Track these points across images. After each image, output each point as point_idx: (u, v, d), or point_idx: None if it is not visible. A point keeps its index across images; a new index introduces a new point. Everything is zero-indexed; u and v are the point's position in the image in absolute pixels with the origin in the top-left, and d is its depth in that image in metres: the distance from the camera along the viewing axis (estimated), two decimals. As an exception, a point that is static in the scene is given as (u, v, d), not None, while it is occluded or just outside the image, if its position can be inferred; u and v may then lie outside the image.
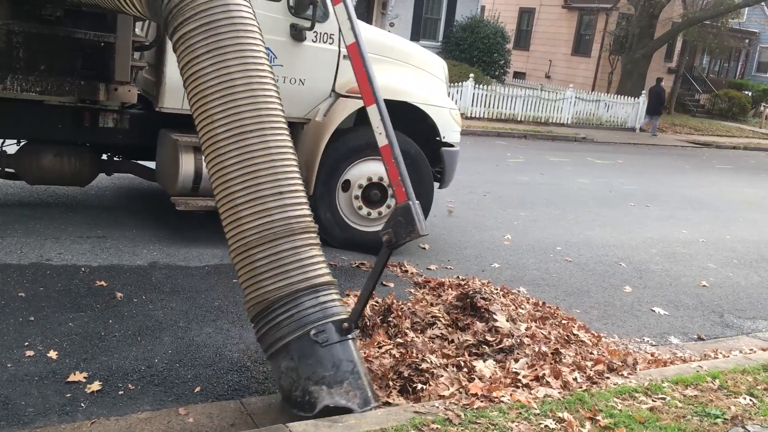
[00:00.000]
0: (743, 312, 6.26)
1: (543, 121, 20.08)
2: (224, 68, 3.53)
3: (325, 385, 3.43)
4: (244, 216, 3.50)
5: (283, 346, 3.46)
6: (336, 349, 3.48)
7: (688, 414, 3.75)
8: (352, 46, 3.94)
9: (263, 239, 3.48)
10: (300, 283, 3.48)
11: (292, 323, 3.44)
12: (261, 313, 3.51)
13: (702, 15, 24.57)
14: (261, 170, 3.51)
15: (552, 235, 7.91)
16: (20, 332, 3.95)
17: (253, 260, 3.50)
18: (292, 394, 3.47)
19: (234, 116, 3.52)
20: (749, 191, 13.38)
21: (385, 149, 3.77)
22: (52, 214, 6.03)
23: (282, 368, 3.50)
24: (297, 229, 3.54)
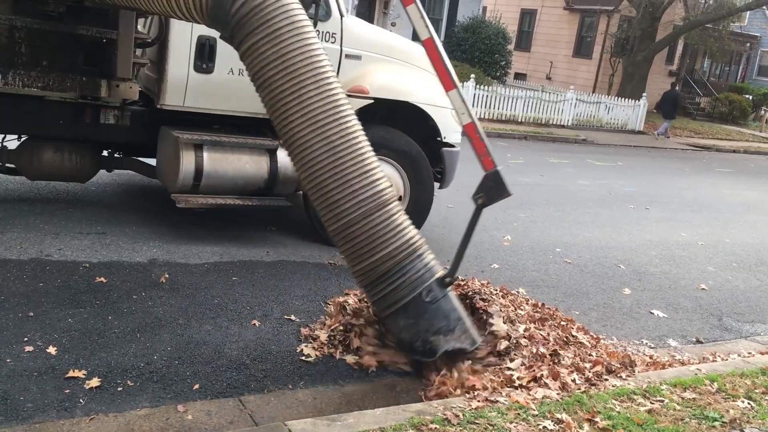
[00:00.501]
0: (742, 315, 6.26)
1: (543, 122, 20.07)
2: (293, 72, 3.88)
3: (441, 335, 4.08)
4: (337, 199, 3.94)
5: (400, 306, 4.04)
6: (443, 303, 4.11)
7: (686, 417, 3.75)
8: (428, 41, 4.44)
9: (359, 216, 3.94)
10: (405, 251, 4.01)
11: (406, 287, 4.01)
12: (374, 282, 4.05)
13: (703, 18, 24.57)
14: (343, 156, 3.92)
15: (551, 237, 7.92)
16: (19, 327, 3.95)
17: (355, 236, 3.98)
18: (414, 345, 4.12)
19: (310, 113, 3.89)
20: (749, 194, 13.39)
21: (469, 126, 4.43)
22: (52, 210, 6.02)
23: (401, 325, 4.11)
24: (385, 201, 4.02)
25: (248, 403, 3.63)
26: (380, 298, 4.08)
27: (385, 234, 3.98)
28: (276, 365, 4.03)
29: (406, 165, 6.30)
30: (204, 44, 5.49)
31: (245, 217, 6.74)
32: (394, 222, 4.03)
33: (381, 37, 6.48)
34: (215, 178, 5.61)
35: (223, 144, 5.66)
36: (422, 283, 4.04)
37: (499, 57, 23.28)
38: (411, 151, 6.31)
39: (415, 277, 4.03)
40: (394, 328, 4.19)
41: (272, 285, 5.16)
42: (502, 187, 4.32)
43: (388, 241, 3.98)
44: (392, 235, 4.00)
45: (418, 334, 4.08)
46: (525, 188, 10.58)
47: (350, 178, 3.93)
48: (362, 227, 3.96)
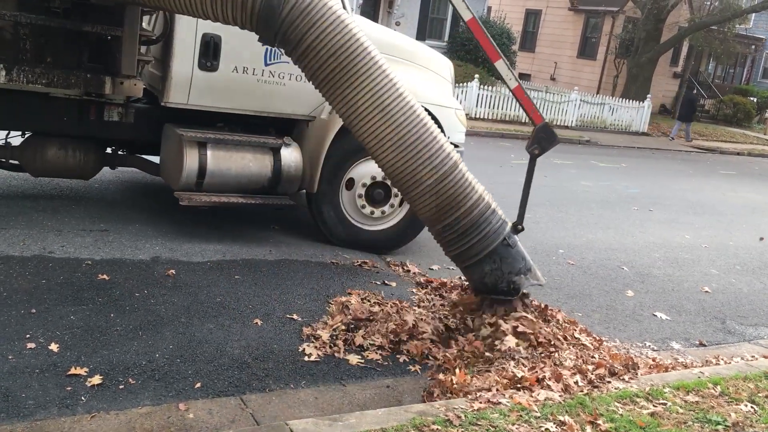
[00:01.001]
0: (745, 319, 6.24)
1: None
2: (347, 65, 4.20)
3: (522, 274, 4.65)
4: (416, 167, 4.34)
5: (486, 254, 4.53)
6: (520, 247, 4.71)
7: (689, 420, 3.74)
8: (472, 21, 4.93)
9: (439, 178, 4.36)
10: (483, 204, 4.50)
11: (491, 236, 4.52)
12: (460, 235, 4.49)
13: (709, 20, 24.50)
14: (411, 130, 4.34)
15: (554, 238, 7.90)
16: (22, 324, 3.95)
17: (437, 196, 4.40)
18: (498, 286, 4.61)
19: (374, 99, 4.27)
20: (753, 197, 13.36)
21: (518, 89, 5.02)
22: (56, 207, 6.03)
23: (486, 270, 4.59)
24: (456, 162, 4.44)
25: (250, 402, 3.62)
26: (466, 249, 4.53)
27: (463, 191, 4.43)
28: (278, 364, 4.02)
29: None
30: (209, 42, 5.48)
31: (248, 215, 6.74)
32: (467, 180, 4.48)
33: (385, 36, 6.46)
34: (219, 176, 5.61)
35: (227, 142, 5.65)
36: (503, 232, 4.58)
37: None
38: None
39: (496, 227, 4.55)
40: (478, 275, 4.63)
41: (275, 284, 5.16)
42: (552, 135, 4.96)
43: (467, 197, 4.44)
44: (469, 191, 4.46)
45: (503, 277, 4.60)
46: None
47: (422, 147, 4.34)
48: (442, 188, 4.38)
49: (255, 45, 5.68)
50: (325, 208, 6.11)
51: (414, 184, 4.40)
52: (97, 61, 5.34)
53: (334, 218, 6.16)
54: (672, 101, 28.73)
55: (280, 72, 5.74)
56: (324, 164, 5.98)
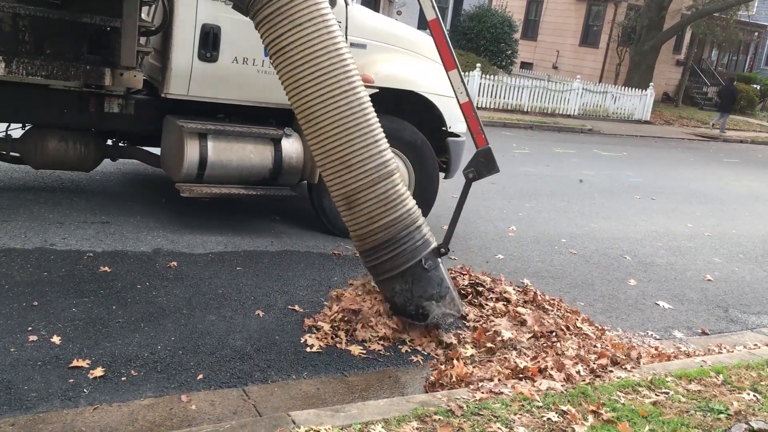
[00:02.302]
0: (748, 307, 6.23)
1: (549, 112, 19.97)
2: (305, 43, 4.12)
3: (434, 300, 4.38)
4: (346, 167, 4.18)
5: (399, 272, 4.31)
6: (438, 271, 4.42)
7: (691, 409, 3.74)
8: (434, 22, 4.69)
9: (366, 184, 4.19)
10: (407, 220, 4.29)
11: (406, 255, 4.29)
12: (377, 248, 4.30)
13: (711, 7, 24.35)
14: (353, 125, 4.15)
15: (557, 227, 7.89)
16: (23, 317, 3.96)
17: (360, 203, 4.22)
18: (407, 309, 4.40)
19: (322, 82, 4.12)
20: (756, 185, 13.32)
21: (467, 105, 4.71)
22: (57, 199, 6.02)
23: (396, 290, 4.38)
24: (390, 171, 4.28)
25: (252, 393, 3.63)
26: (379, 263, 4.35)
27: (389, 203, 4.24)
28: (280, 355, 4.03)
29: (411, 155, 6.27)
30: (208, 33, 5.46)
31: (249, 206, 6.73)
32: (397, 192, 4.30)
33: (386, 25, 6.43)
34: (219, 168, 5.60)
35: (228, 133, 5.64)
36: (421, 252, 4.33)
37: (505, 46, 23.16)
38: (416, 140, 6.28)
39: (415, 246, 4.32)
40: (389, 293, 4.44)
41: (276, 275, 5.16)
42: (492, 163, 4.70)
43: (392, 209, 4.25)
44: (395, 204, 4.26)
45: (412, 299, 4.37)
46: (530, 178, 10.54)
47: (359, 147, 4.17)
48: (368, 195, 4.21)
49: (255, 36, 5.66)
50: (326, 199, 6.09)
51: (341, 183, 4.24)
52: (97, 53, 5.31)
53: (335, 209, 6.13)
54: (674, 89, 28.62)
55: None
56: (325, 155, 5.95)
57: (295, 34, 4.14)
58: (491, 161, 4.69)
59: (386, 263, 4.33)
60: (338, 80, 4.16)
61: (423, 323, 4.42)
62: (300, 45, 4.14)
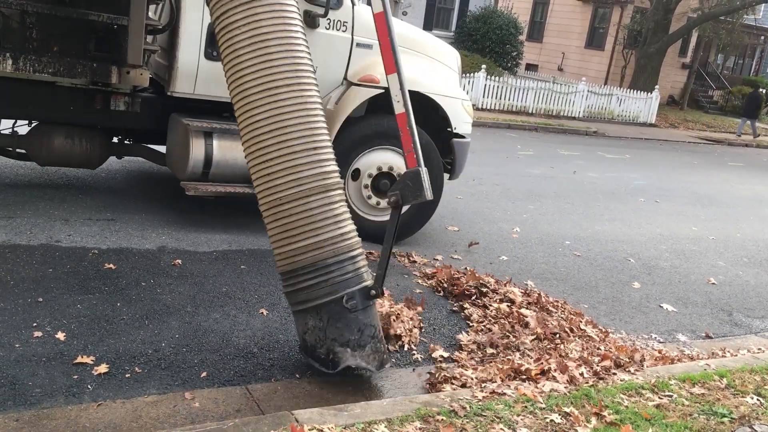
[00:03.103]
0: (752, 311, 6.22)
1: (554, 114, 19.97)
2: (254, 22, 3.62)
3: (350, 348, 3.71)
4: (275, 171, 3.61)
5: (313, 306, 3.67)
6: (362, 315, 3.72)
7: (694, 412, 3.73)
8: (379, 15, 4.03)
9: (296, 195, 3.60)
10: (337, 246, 3.64)
11: (326, 287, 3.63)
12: (295, 272, 3.67)
13: (718, 10, 24.33)
14: (293, 126, 3.61)
15: (561, 229, 7.88)
16: (28, 313, 3.97)
17: (285, 216, 3.63)
18: (317, 351, 3.75)
19: (266, 71, 3.61)
20: (760, 189, 13.29)
21: (401, 117, 3.95)
22: (62, 196, 6.04)
23: (309, 326, 3.73)
24: (328, 185, 3.67)
25: (255, 391, 3.63)
26: (295, 290, 3.72)
27: (320, 221, 3.62)
28: (283, 354, 4.03)
29: None
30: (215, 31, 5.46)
31: (254, 205, 6.71)
32: (333, 210, 3.67)
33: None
34: (225, 166, 5.60)
35: (233, 132, 5.64)
36: (345, 288, 3.65)
37: (511, 47, 23.16)
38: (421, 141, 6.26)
39: (340, 279, 3.65)
40: (301, 328, 3.82)
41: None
42: (420, 188, 3.85)
43: (322, 229, 3.62)
44: (328, 224, 3.64)
45: (324, 341, 3.71)
46: (534, 180, 10.54)
47: (295, 150, 3.61)
48: (297, 207, 3.60)
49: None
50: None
51: (268, 189, 3.66)
52: (104, 51, 5.33)
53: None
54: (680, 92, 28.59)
55: None
56: (329, 154, 5.94)
57: (242, 12, 3.62)
58: (418, 186, 3.84)
59: (303, 291, 3.68)
60: (283, 71, 3.63)
61: (329, 371, 3.75)
62: (246, 25, 3.63)
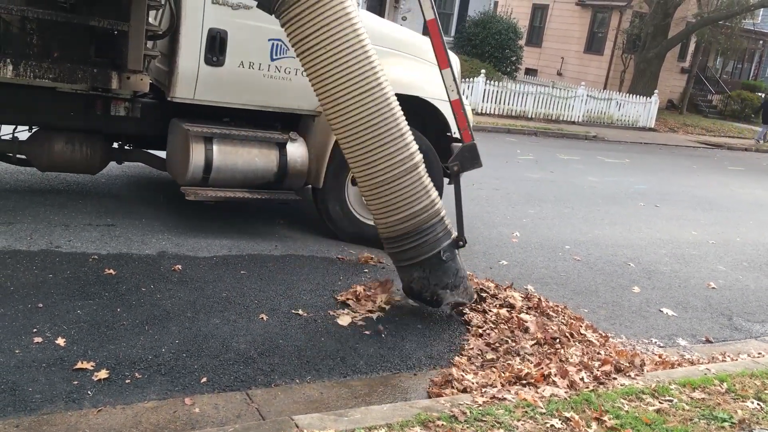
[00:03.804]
0: (752, 315, 6.22)
1: (554, 118, 20.00)
2: (332, 43, 4.28)
3: (449, 289, 4.68)
4: (374, 159, 4.40)
5: (418, 262, 4.59)
6: (454, 263, 4.68)
7: (695, 417, 3.73)
8: (432, 22, 4.88)
9: (394, 176, 4.42)
10: (430, 211, 4.52)
11: (427, 246, 4.54)
12: (400, 237, 4.56)
13: (716, 15, 24.37)
14: (381, 119, 4.37)
15: (561, 234, 7.88)
16: (28, 319, 3.97)
17: (387, 194, 4.45)
18: (423, 295, 4.73)
19: (350, 80, 4.32)
20: (760, 193, 13.30)
21: (456, 102, 4.98)
22: (63, 202, 6.04)
23: (414, 276, 4.67)
24: (416, 164, 4.51)
25: (255, 396, 3.63)
26: (402, 251, 4.61)
27: (414, 194, 4.47)
28: (283, 359, 4.03)
29: None
30: (215, 37, 5.48)
31: (254, 210, 6.74)
32: (422, 183, 4.51)
33: (392, 31, 6.45)
34: (225, 171, 5.61)
35: (233, 137, 5.66)
36: (441, 244, 4.57)
37: (510, 52, 23.20)
38: (421, 145, 6.25)
39: (437, 237, 4.56)
40: (407, 278, 4.73)
41: (280, 279, 5.16)
42: (476, 158, 4.96)
43: (417, 200, 4.47)
44: (420, 195, 4.48)
45: (429, 287, 4.66)
46: (534, 184, 10.55)
47: (387, 140, 4.39)
48: (396, 186, 4.43)
49: (261, 40, 5.67)
50: (331, 203, 6.11)
51: (369, 175, 4.46)
52: (104, 56, 5.34)
53: (339, 213, 6.16)
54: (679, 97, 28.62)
55: (286, 67, 5.73)
56: (330, 159, 5.97)
57: (323, 35, 4.29)
58: (475, 156, 4.94)
59: (408, 252, 4.59)
60: (366, 78, 4.34)
61: (436, 308, 4.75)
62: (328, 45, 4.29)
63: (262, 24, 5.39)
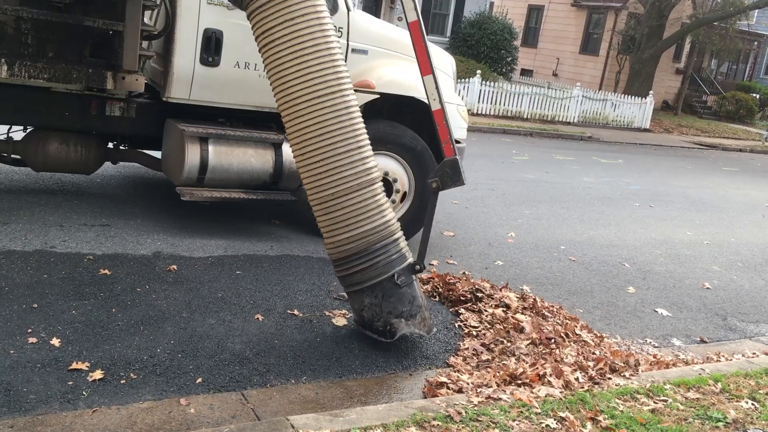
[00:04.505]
0: (747, 315, 6.24)
1: (549, 119, 20.02)
2: (295, 39, 4.00)
3: (404, 318, 4.22)
4: (325, 171, 4.03)
5: (368, 286, 4.17)
6: (410, 289, 4.24)
7: (689, 417, 3.74)
8: (414, 24, 4.59)
9: (345, 191, 4.04)
10: (383, 231, 4.14)
11: (378, 268, 4.13)
12: (348, 258, 4.16)
13: (711, 16, 24.43)
14: (336, 128, 4.01)
15: (556, 234, 7.90)
16: (23, 319, 3.96)
17: (335, 210, 4.08)
18: (374, 324, 4.27)
19: (309, 80, 3.99)
20: (755, 194, 13.34)
21: (438, 113, 4.53)
22: (57, 202, 6.03)
23: (365, 303, 4.24)
24: (371, 180, 4.13)
25: (251, 397, 3.63)
26: (350, 274, 4.20)
27: (367, 211, 4.09)
28: (279, 360, 4.03)
29: (411, 160, 6.29)
30: (210, 37, 5.48)
31: (249, 210, 6.74)
32: (377, 201, 4.14)
33: (388, 31, 6.46)
34: (220, 172, 5.61)
35: (229, 137, 5.65)
36: (395, 267, 4.17)
37: (506, 53, 23.22)
38: (416, 146, 6.29)
39: (390, 260, 4.16)
40: (357, 305, 4.33)
41: (276, 279, 5.16)
42: (458, 174, 4.49)
43: (369, 219, 4.10)
44: (373, 214, 4.11)
45: (381, 315, 4.23)
46: (530, 185, 10.56)
47: (342, 151, 4.03)
48: (346, 201, 4.06)
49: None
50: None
51: (319, 186, 4.08)
52: (99, 56, 5.33)
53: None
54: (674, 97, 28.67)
55: None
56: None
57: (287, 29, 4.00)
58: (457, 172, 4.50)
59: (357, 274, 4.18)
60: (327, 81, 4.01)
61: (388, 341, 4.27)
62: (291, 41, 3.99)
63: (258, 24, 5.39)
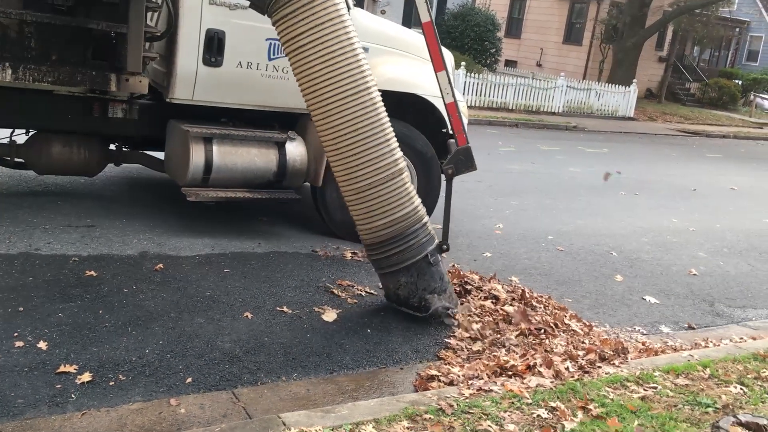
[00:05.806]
0: (733, 301, 6.29)
1: (534, 109, 20.07)
2: (323, 43, 4.26)
3: (436, 294, 4.64)
4: (358, 164, 4.37)
5: (405, 266, 4.55)
6: (441, 267, 4.71)
7: (679, 403, 3.76)
8: (428, 24, 4.84)
9: (377, 181, 4.39)
10: (413, 217, 4.52)
11: (413, 250, 4.53)
12: (383, 243, 4.53)
13: (693, 3, 24.56)
14: (366, 125, 4.35)
15: (543, 224, 7.92)
16: (9, 323, 3.92)
17: (369, 199, 4.43)
18: (410, 301, 4.66)
19: (337, 82, 4.29)
20: (739, 179, 13.44)
21: (451, 105, 4.95)
22: (41, 203, 5.97)
23: (401, 282, 4.63)
24: (399, 170, 4.48)
25: (241, 395, 3.61)
26: (387, 257, 4.56)
27: (397, 200, 4.45)
28: (269, 357, 4.01)
29: (419, 165, 6.30)
30: (213, 38, 5.43)
31: (236, 208, 6.71)
32: (406, 189, 4.51)
33: (387, 28, 6.43)
34: (225, 172, 5.57)
35: (233, 137, 5.62)
36: (427, 248, 4.57)
37: (489, 44, 23.23)
38: (427, 152, 6.33)
39: (422, 242, 4.55)
40: (393, 285, 4.68)
41: (264, 276, 5.14)
42: (471, 161, 4.97)
43: (400, 206, 4.46)
44: (405, 201, 4.48)
45: (416, 292, 4.61)
46: (516, 176, 10.59)
47: (372, 145, 4.36)
48: (379, 191, 4.41)
49: (259, 40, 5.63)
50: (330, 202, 6.07)
51: (353, 179, 4.43)
52: (102, 58, 5.27)
53: (339, 211, 6.10)
54: (657, 85, 28.84)
55: (283, 66, 5.66)
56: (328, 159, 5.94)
57: (314, 34, 4.26)
58: (470, 159, 4.95)
59: (394, 257, 4.55)
60: (355, 80, 4.31)
61: (424, 315, 4.62)
62: (318, 45, 4.26)
63: (260, 24, 5.30)
